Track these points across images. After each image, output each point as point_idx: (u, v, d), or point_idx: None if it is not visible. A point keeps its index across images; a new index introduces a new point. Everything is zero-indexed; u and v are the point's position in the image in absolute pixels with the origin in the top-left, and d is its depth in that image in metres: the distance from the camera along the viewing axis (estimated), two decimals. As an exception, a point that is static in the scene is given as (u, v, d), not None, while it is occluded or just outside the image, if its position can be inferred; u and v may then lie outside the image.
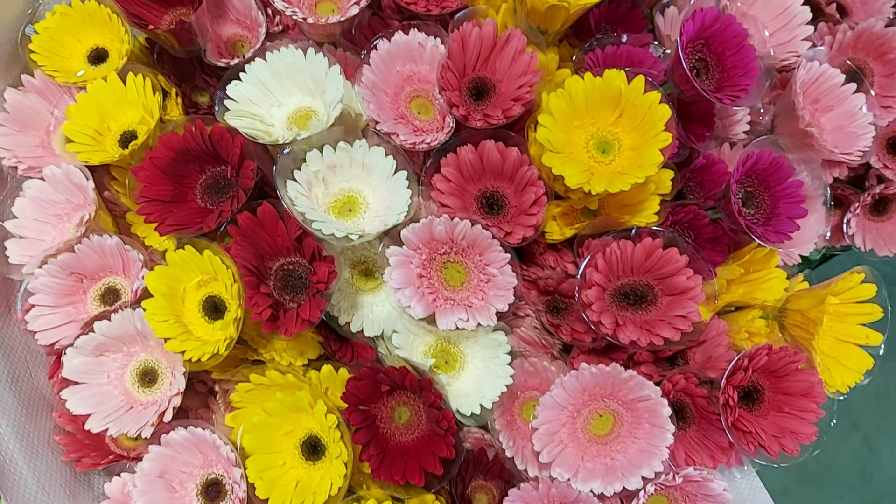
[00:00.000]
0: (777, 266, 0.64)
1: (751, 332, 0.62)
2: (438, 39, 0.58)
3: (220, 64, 0.64)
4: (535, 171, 0.56)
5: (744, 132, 0.67)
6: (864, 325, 0.60)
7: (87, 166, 0.61)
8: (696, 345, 0.62)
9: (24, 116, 0.62)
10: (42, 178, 0.60)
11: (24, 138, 0.62)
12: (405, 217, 0.54)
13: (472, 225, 0.54)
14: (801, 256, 0.68)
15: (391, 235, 0.54)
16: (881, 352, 0.60)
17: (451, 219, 0.53)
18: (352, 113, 0.60)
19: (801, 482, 1.47)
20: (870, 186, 0.75)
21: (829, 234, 0.69)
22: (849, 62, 0.68)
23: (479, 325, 0.54)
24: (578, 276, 0.54)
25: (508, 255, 0.54)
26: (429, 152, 0.58)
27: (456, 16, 0.57)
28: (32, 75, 0.62)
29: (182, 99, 0.65)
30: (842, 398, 0.60)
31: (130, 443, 0.59)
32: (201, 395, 0.61)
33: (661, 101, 0.54)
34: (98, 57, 0.63)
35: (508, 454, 0.58)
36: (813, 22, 0.73)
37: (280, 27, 0.67)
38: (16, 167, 0.61)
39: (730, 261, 0.63)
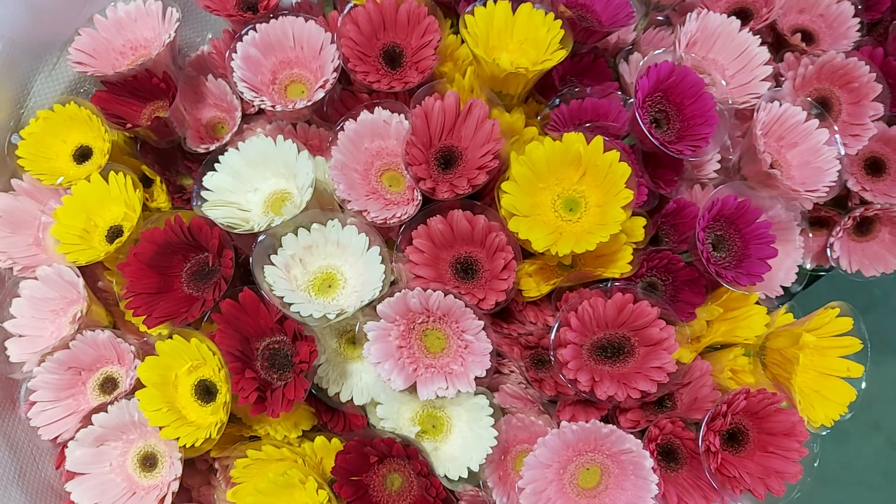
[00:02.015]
0: (758, 302, 0.65)
1: (734, 370, 0.63)
2: (402, 115, 0.60)
3: (199, 150, 0.67)
4: (503, 237, 0.57)
5: (714, 171, 0.68)
6: (844, 356, 0.61)
7: (77, 263, 0.64)
8: (681, 386, 0.63)
9: (16, 219, 0.65)
10: (36, 278, 0.63)
11: (18, 239, 0.65)
12: (380, 292, 0.55)
13: (445, 295, 0.55)
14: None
15: (369, 308, 0.56)
16: (863, 385, 0.61)
17: (425, 290, 0.55)
18: (328, 189, 0.62)
19: (823, 483, 1.45)
20: (852, 208, 0.76)
21: (808, 261, 0.69)
22: (810, 100, 0.69)
23: (458, 392, 0.55)
24: (552, 336, 0.56)
25: (482, 322, 0.55)
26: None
27: (416, 92, 0.59)
28: (21, 179, 0.65)
29: (167, 185, 0.68)
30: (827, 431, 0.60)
31: (138, 526, 0.61)
32: (202, 472, 0.63)
33: (620, 160, 0.56)
34: (83, 155, 0.65)
35: (502, 509, 0.59)
36: (779, 53, 0.74)
37: (256, 108, 0.69)
38: (11, 268, 0.64)
39: (708, 301, 0.64)
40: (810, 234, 0.70)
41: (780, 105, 0.63)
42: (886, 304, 1.64)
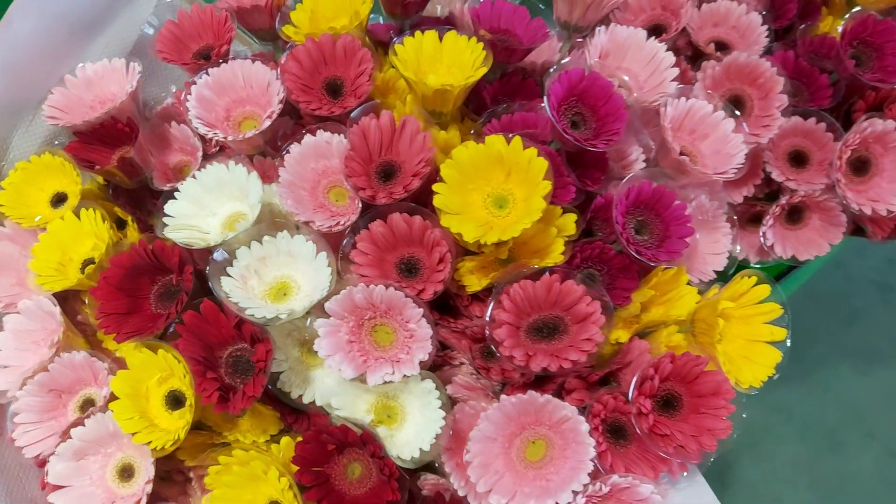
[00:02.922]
0: (691, 283, 0.69)
1: (670, 346, 0.67)
2: (343, 135, 0.66)
3: (165, 189, 0.73)
4: (437, 234, 0.62)
5: (640, 169, 0.74)
6: (768, 322, 0.65)
7: (59, 296, 0.69)
8: (623, 367, 0.67)
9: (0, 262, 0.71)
10: (18, 313, 0.68)
11: (2, 280, 0.71)
12: (326, 292, 0.60)
13: (387, 288, 0.60)
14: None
15: (318, 309, 0.61)
16: (788, 344, 0.65)
17: (368, 286, 0.60)
18: (282, 213, 0.68)
19: (825, 497, 1.46)
20: (780, 197, 0.81)
21: (738, 247, 0.74)
22: (723, 101, 0.75)
23: (404, 375, 0.59)
24: (487, 318, 0.60)
25: (422, 309, 0.60)
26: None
27: (352, 113, 0.66)
28: (3, 225, 0.71)
29: (138, 224, 0.74)
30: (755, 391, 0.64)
31: (120, 536, 0.65)
32: (179, 483, 0.67)
33: (538, 156, 0.61)
34: (59, 199, 0.71)
35: (461, 493, 0.63)
36: (696, 62, 0.81)
37: (217, 148, 0.76)
38: (-4, 306, 0.69)
39: (642, 286, 0.69)
40: (734, 228, 0.74)
41: (687, 100, 0.69)
42: (869, 315, 1.67)
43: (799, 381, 1.59)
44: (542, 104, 0.73)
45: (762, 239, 0.81)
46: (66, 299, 0.71)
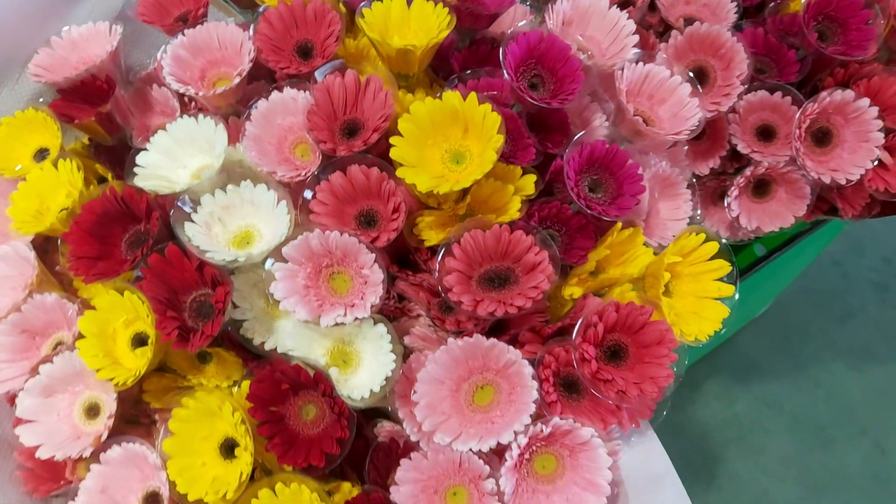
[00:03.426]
0: (650, 245, 0.71)
1: (624, 303, 0.69)
2: (308, 92, 0.69)
3: (144, 147, 0.76)
4: (393, 184, 0.65)
5: (602, 135, 0.75)
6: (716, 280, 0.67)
7: (40, 248, 0.72)
8: (576, 323, 0.68)
9: (-19, 213, 0.74)
10: (-3, 258, 0.71)
11: (-17, 230, 0.74)
12: (284, 237, 0.63)
13: (342, 234, 0.62)
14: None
15: (277, 255, 0.63)
16: (736, 297, 0.66)
17: (324, 231, 0.63)
18: (252, 170, 0.70)
19: (812, 492, 1.46)
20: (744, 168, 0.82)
21: (699, 212, 0.75)
22: (688, 67, 0.77)
23: (356, 318, 0.61)
24: (437, 264, 0.62)
25: (374, 255, 0.62)
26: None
27: (317, 70, 0.68)
28: (-13, 177, 0.75)
29: (117, 180, 0.77)
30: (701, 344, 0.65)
31: (85, 474, 0.67)
32: (145, 426, 0.69)
33: (492, 111, 0.63)
34: (42, 155, 0.75)
35: (414, 439, 0.64)
36: (664, 37, 0.83)
37: (195, 110, 0.79)
38: (-24, 255, 0.73)
39: (598, 245, 0.70)
40: (695, 195, 0.76)
41: (644, 65, 0.71)
42: (864, 313, 1.67)
43: (791, 376, 1.59)
44: (507, 70, 0.76)
45: (727, 210, 0.83)
46: (47, 252, 0.74)
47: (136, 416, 0.69)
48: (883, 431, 1.53)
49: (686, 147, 0.79)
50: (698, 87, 0.71)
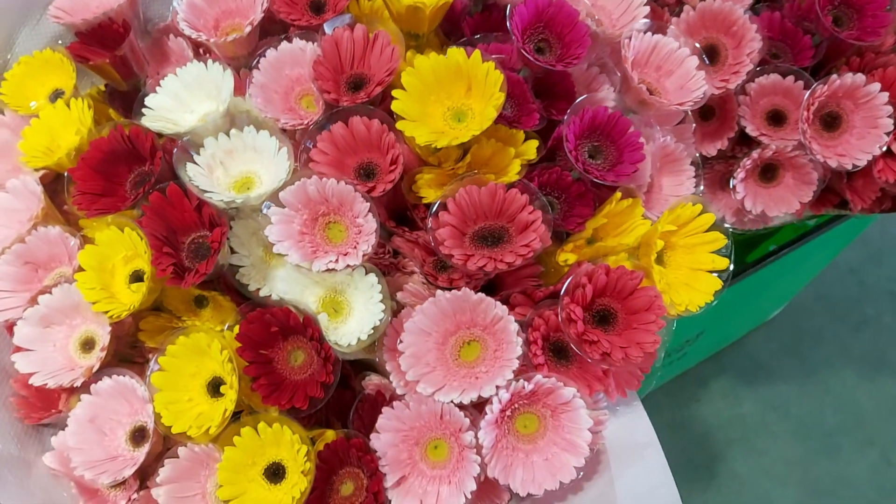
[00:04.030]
0: (648, 218, 0.71)
1: (615, 270, 0.68)
2: (316, 44, 0.70)
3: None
4: (392, 136, 0.65)
5: (610, 106, 0.75)
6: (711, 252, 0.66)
7: (50, 188, 0.74)
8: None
9: (-4, 148, 0.76)
10: (6, 192, 0.73)
11: (-1, 166, 0.76)
12: (282, 182, 0.64)
13: (339, 182, 0.63)
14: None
15: (275, 200, 0.64)
16: (730, 271, 0.66)
17: (321, 178, 0.63)
18: (259, 119, 0.71)
19: (815, 498, 1.44)
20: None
21: (702, 187, 0.75)
22: (700, 44, 0.76)
23: (347, 265, 0.62)
24: (430, 218, 0.63)
25: (369, 204, 0.63)
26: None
27: (325, 23, 0.69)
28: (3, 114, 0.76)
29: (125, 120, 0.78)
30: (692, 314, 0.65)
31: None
32: (139, 365, 0.71)
33: (495, 69, 0.64)
34: (57, 96, 0.76)
35: (399, 392, 0.65)
36: (679, 14, 0.83)
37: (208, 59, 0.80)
38: (-13, 187, 0.74)
39: (596, 213, 0.70)
40: (699, 171, 0.75)
41: (653, 35, 0.70)
42: (879, 322, 1.65)
43: (800, 380, 1.57)
44: (519, 37, 0.76)
45: (733, 193, 0.82)
46: (56, 191, 0.76)
47: (131, 355, 0.71)
48: (891, 442, 1.51)
49: (694, 126, 0.79)
50: (705, 59, 0.71)
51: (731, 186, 0.82)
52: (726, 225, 0.88)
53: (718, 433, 1.51)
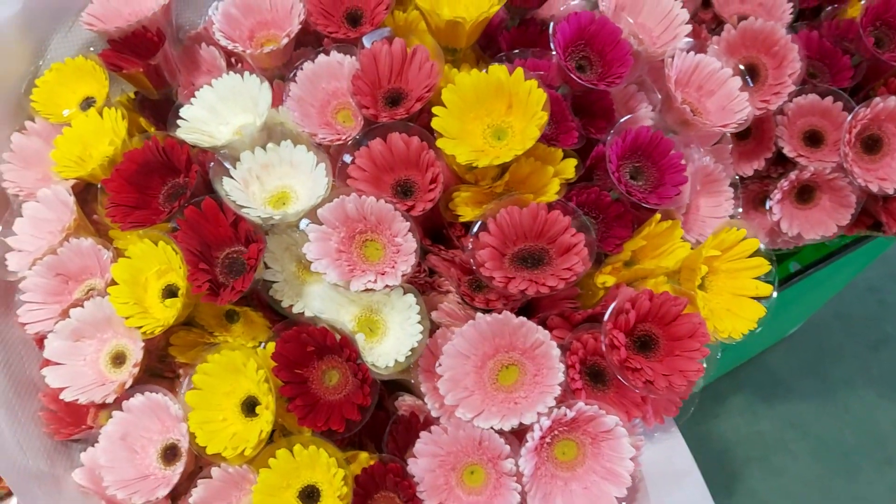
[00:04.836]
0: (687, 240, 0.70)
1: (654, 294, 0.67)
2: (354, 57, 0.69)
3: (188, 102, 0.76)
4: (432, 154, 0.64)
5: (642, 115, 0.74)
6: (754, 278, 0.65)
7: (80, 197, 0.73)
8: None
9: (26, 155, 0.75)
10: (37, 201, 0.72)
11: (28, 173, 0.75)
12: (321, 199, 0.63)
13: (378, 200, 0.62)
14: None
15: (312, 217, 0.63)
16: (774, 295, 0.64)
17: (360, 196, 0.62)
18: (294, 132, 0.70)
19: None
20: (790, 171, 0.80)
21: (740, 209, 0.74)
22: (740, 63, 0.75)
23: (386, 285, 0.61)
24: (471, 238, 0.62)
25: (409, 223, 0.62)
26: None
27: (364, 37, 0.68)
28: (34, 121, 0.76)
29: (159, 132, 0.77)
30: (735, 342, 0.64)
31: (106, 421, 0.67)
32: (169, 380, 0.70)
33: (538, 87, 0.63)
34: (89, 104, 0.75)
35: (434, 414, 0.64)
36: (717, 32, 0.82)
37: (239, 69, 0.79)
38: (18, 195, 0.73)
39: (634, 235, 0.69)
40: (737, 192, 0.74)
41: (695, 54, 0.69)
42: (900, 341, 1.63)
43: (819, 398, 1.55)
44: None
45: (769, 214, 0.81)
46: (86, 200, 0.75)
47: (161, 370, 0.70)
48: (911, 464, 1.49)
49: (731, 146, 0.77)
50: (749, 81, 0.70)
51: (766, 207, 0.81)
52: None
53: (737, 450, 1.49)
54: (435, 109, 0.64)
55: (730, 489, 1.46)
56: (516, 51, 0.74)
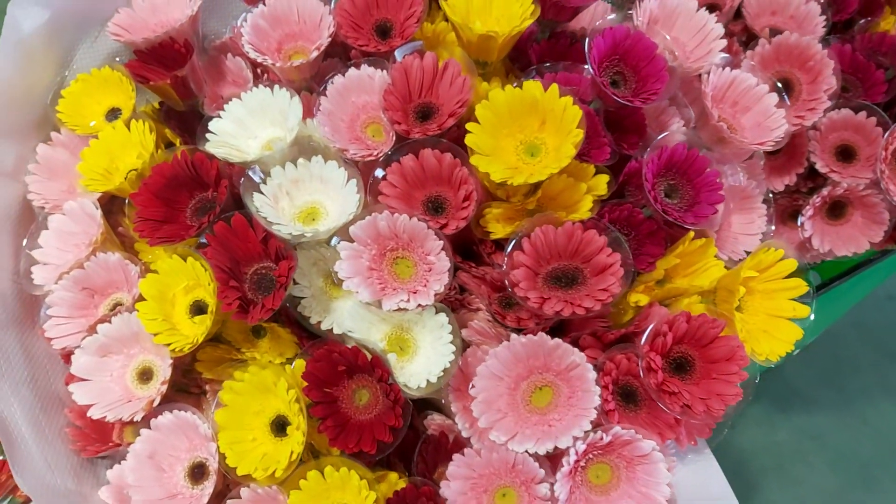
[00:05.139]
0: (720, 259, 0.69)
1: (689, 313, 0.66)
2: (385, 71, 0.68)
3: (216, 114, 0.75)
4: (465, 171, 0.63)
5: (676, 132, 0.73)
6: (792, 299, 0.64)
7: (105, 208, 0.72)
8: (640, 331, 0.66)
9: (52, 167, 0.74)
10: (63, 213, 0.71)
11: (53, 185, 0.74)
12: (353, 216, 0.62)
13: (411, 218, 0.61)
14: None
15: (343, 234, 0.62)
16: (811, 318, 0.64)
17: (393, 214, 0.61)
18: (322, 145, 0.69)
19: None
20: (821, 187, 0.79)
21: (773, 225, 0.73)
22: (773, 78, 0.74)
23: (419, 305, 0.60)
24: (505, 258, 0.61)
25: (442, 242, 0.61)
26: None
27: (396, 50, 0.67)
28: (59, 132, 0.75)
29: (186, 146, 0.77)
30: (773, 365, 0.63)
31: (132, 438, 0.67)
32: (195, 396, 0.69)
33: (574, 104, 0.62)
34: (114, 115, 0.75)
35: (465, 434, 0.63)
36: (748, 45, 0.81)
37: (268, 82, 0.78)
38: (43, 207, 0.73)
39: (668, 253, 0.68)
40: (770, 209, 0.73)
41: (731, 70, 0.68)
42: (919, 352, 1.61)
43: (837, 409, 1.54)
44: (586, 65, 0.74)
45: (800, 230, 0.80)
46: (111, 212, 0.74)
47: (186, 385, 0.69)
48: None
49: (763, 161, 0.76)
50: (785, 98, 0.69)
51: (798, 224, 0.80)
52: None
53: (753, 461, 1.48)
54: (469, 126, 0.63)
55: (747, 499, 1.45)
56: (547, 64, 0.73)
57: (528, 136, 0.65)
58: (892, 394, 1.56)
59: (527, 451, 0.58)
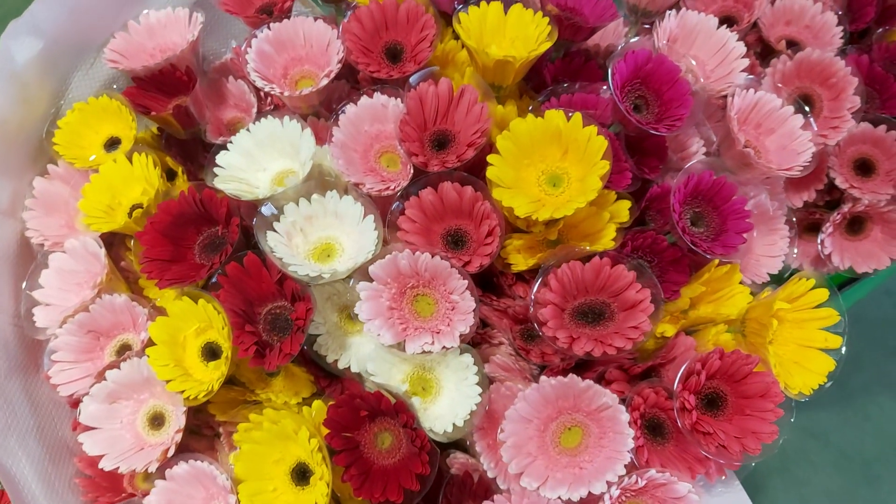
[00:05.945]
0: (743, 283, 0.67)
1: (718, 345, 0.64)
2: (399, 99, 0.65)
3: (218, 142, 0.72)
4: (488, 206, 0.61)
5: (701, 161, 0.71)
6: (823, 329, 0.63)
7: (105, 241, 0.69)
8: (667, 362, 0.65)
9: (49, 201, 0.71)
10: (64, 251, 0.68)
11: (51, 220, 0.71)
12: (371, 255, 0.59)
13: (433, 256, 0.59)
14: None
15: (361, 273, 0.60)
16: (843, 351, 0.62)
17: (414, 252, 0.59)
18: (332, 173, 0.67)
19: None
20: (842, 204, 0.78)
21: (795, 250, 0.71)
22: (796, 97, 0.72)
23: (443, 347, 0.58)
24: (532, 297, 0.59)
25: (467, 281, 0.59)
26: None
27: (411, 77, 0.65)
28: (56, 164, 0.72)
29: (188, 176, 0.74)
30: (806, 399, 0.62)
31: (145, 485, 0.64)
32: (208, 438, 0.67)
33: (598, 134, 0.60)
34: (113, 144, 0.72)
35: (490, 475, 0.61)
36: (765, 59, 0.79)
37: (271, 106, 0.75)
38: (42, 244, 0.70)
39: (692, 281, 0.67)
40: (793, 231, 0.71)
41: (755, 92, 0.66)
42: (923, 349, 1.61)
43: (838, 407, 1.54)
44: (605, 87, 0.72)
45: (820, 247, 0.78)
46: (112, 245, 0.71)
47: (198, 427, 0.67)
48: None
49: (783, 180, 0.75)
50: (811, 120, 0.67)
51: (819, 241, 0.78)
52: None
53: (758, 463, 1.48)
54: (490, 158, 0.60)
55: (752, 501, 1.45)
56: (564, 84, 0.71)
57: (550, 165, 0.62)
58: (893, 389, 1.56)
59: (559, 498, 0.56)
